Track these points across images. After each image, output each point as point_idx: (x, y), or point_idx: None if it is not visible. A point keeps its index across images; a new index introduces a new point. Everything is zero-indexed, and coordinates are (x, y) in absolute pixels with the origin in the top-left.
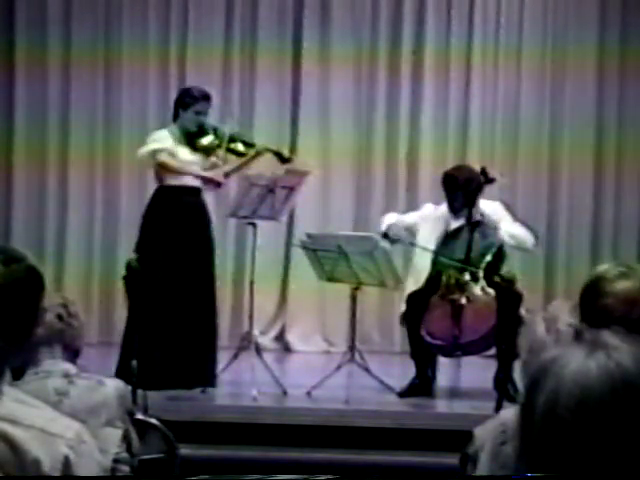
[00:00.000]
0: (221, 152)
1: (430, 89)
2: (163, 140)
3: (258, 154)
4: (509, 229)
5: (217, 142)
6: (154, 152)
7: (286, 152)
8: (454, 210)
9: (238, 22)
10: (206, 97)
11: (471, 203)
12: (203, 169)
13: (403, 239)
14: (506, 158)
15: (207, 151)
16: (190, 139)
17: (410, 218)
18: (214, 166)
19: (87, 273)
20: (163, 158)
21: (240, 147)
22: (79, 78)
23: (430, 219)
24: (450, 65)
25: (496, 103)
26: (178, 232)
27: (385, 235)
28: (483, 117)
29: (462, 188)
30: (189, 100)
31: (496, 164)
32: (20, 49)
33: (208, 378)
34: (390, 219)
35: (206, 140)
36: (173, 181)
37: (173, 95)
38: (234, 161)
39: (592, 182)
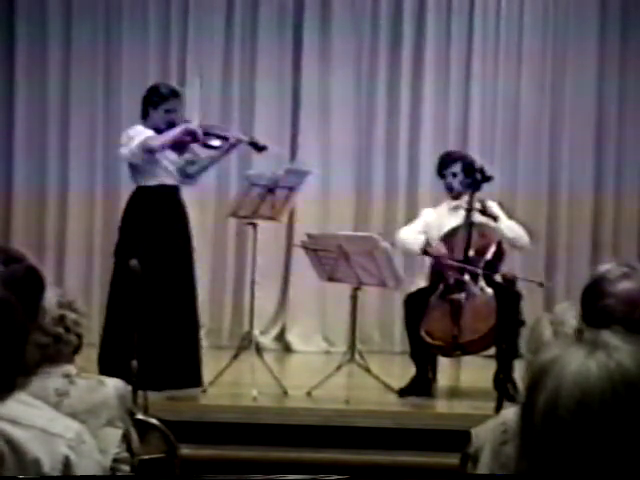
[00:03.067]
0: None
1: (430, 88)
2: (144, 130)
3: (233, 146)
4: (506, 223)
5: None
6: (146, 140)
7: (261, 141)
8: (453, 190)
9: (238, 22)
10: (175, 94)
11: (470, 184)
12: (177, 168)
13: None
14: (506, 157)
15: (180, 148)
16: None
17: (419, 226)
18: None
19: (87, 273)
20: (155, 141)
21: (214, 141)
22: (79, 78)
23: (433, 226)
24: (450, 64)
25: (496, 101)
26: (157, 233)
27: (425, 252)
28: (483, 116)
29: (459, 160)
30: (157, 99)
31: (496, 163)
32: (20, 48)
33: (193, 379)
34: (408, 233)
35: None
36: (150, 181)
37: None
38: (210, 156)
39: (592, 182)
